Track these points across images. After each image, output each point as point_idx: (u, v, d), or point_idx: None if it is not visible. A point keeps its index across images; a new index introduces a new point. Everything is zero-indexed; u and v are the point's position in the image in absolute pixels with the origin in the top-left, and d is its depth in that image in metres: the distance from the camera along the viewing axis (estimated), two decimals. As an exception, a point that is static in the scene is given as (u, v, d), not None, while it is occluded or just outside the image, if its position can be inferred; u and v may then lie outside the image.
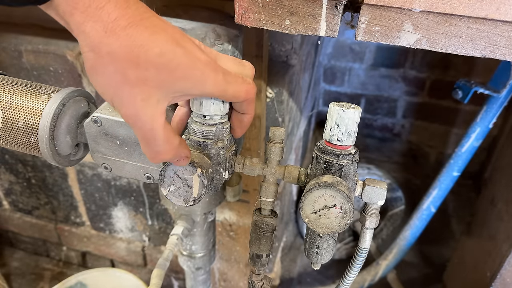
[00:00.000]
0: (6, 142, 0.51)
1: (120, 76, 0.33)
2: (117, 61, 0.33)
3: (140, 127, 0.35)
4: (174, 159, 0.39)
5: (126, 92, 0.34)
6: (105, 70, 0.33)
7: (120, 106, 0.34)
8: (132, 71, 0.33)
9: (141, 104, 0.34)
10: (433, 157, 1.72)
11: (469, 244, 1.06)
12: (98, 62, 0.33)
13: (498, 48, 0.46)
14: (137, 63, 0.33)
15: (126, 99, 0.34)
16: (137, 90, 0.34)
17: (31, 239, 1.31)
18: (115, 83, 0.33)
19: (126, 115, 0.35)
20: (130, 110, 0.34)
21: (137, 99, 0.34)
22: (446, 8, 0.44)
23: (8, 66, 0.87)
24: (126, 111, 0.35)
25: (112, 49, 0.33)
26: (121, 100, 0.34)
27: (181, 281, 1.20)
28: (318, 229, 0.42)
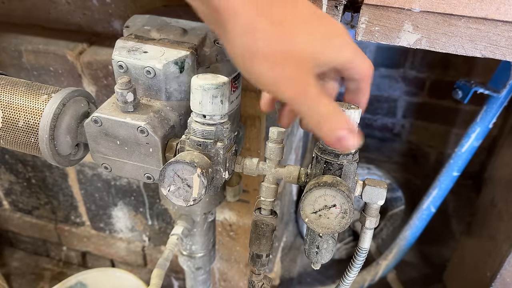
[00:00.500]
0: (6, 142, 0.51)
1: (281, 56, 0.31)
2: (273, 40, 0.31)
3: (310, 105, 0.33)
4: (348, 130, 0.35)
5: (290, 71, 0.32)
6: (266, 54, 0.32)
7: (287, 87, 0.33)
8: (290, 46, 0.31)
9: (307, 81, 0.32)
10: (433, 157, 1.72)
11: (469, 244, 1.06)
12: (256, 44, 0.31)
13: (498, 48, 0.46)
14: (290, 37, 0.31)
15: (293, 79, 0.32)
16: (301, 67, 0.32)
17: (31, 239, 1.31)
18: (278, 64, 0.32)
19: (295, 96, 0.33)
20: (297, 90, 0.32)
21: (302, 77, 0.32)
22: (446, 8, 0.44)
23: (8, 66, 0.87)
24: (294, 92, 0.33)
25: (265, 29, 0.31)
26: (288, 82, 0.32)
27: (181, 281, 1.20)
28: (318, 229, 0.42)
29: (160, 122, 0.47)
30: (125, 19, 0.78)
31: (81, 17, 0.81)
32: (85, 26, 0.83)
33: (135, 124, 0.46)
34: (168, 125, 0.48)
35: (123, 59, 0.49)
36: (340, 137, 0.34)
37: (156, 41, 0.51)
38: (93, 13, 0.80)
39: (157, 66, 0.48)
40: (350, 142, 0.34)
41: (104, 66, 0.81)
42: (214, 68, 0.54)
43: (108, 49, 0.81)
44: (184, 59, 0.49)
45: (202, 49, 0.52)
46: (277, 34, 0.31)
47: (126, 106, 0.46)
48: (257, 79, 0.33)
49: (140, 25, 0.55)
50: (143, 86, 0.50)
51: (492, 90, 0.83)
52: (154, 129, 0.46)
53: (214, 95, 0.42)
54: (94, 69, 0.82)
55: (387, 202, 1.33)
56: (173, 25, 0.55)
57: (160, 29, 0.54)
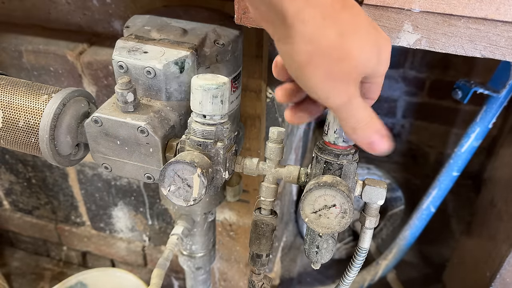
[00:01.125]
0: (6, 142, 0.51)
1: (338, 66, 0.32)
2: (336, 50, 0.31)
3: (353, 112, 0.35)
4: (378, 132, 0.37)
5: (342, 82, 0.33)
6: (324, 64, 0.32)
7: (335, 97, 0.34)
8: (349, 58, 0.32)
9: (353, 91, 0.34)
10: (433, 157, 1.72)
11: (469, 244, 1.06)
12: (317, 57, 0.32)
13: (497, 48, 0.46)
14: (352, 48, 0.32)
15: (343, 89, 0.33)
16: (352, 77, 0.33)
17: (32, 239, 1.31)
18: (333, 74, 0.32)
19: (341, 105, 0.34)
20: (344, 98, 0.34)
21: (350, 86, 0.33)
22: (445, 8, 0.44)
23: (9, 66, 0.87)
24: (341, 101, 0.34)
25: (331, 39, 0.31)
26: (338, 92, 0.33)
27: (181, 281, 1.20)
28: (318, 228, 0.43)
29: (160, 122, 0.47)
30: (125, 19, 0.78)
31: (81, 17, 0.82)
32: (85, 26, 0.83)
33: (135, 124, 0.46)
34: (168, 125, 0.48)
35: (123, 59, 0.49)
36: (373, 141, 0.36)
37: (156, 41, 0.51)
38: (93, 13, 0.80)
39: (157, 66, 0.48)
40: (381, 146, 0.37)
41: (104, 66, 0.81)
42: (214, 68, 0.54)
43: (108, 49, 0.81)
44: (184, 59, 0.49)
45: (202, 49, 0.52)
46: (340, 46, 0.31)
47: (126, 106, 0.46)
48: (309, 85, 0.34)
49: (140, 25, 0.55)
50: (143, 86, 0.50)
51: (492, 90, 0.83)
52: (154, 129, 0.46)
53: (214, 95, 0.42)
54: (94, 69, 0.82)
55: (387, 202, 1.33)
56: (173, 25, 0.55)
57: (160, 29, 0.54)
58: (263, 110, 0.79)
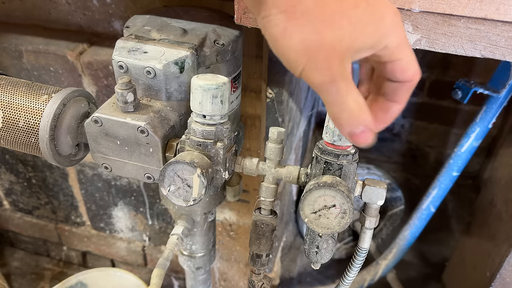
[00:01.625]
0: (6, 142, 0.51)
1: (316, 38, 0.29)
2: (312, 20, 0.28)
3: (335, 96, 0.31)
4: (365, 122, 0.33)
5: (322, 56, 0.29)
6: (300, 33, 0.29)
7: (314, 72, 0.30)
8: (329, 29, 0.29)
9: (337, 69, 0.30)
10: (433, 157, 1.72)
11: (469, 244, 1.06)
12: (291, 25, 0.29)
13: (497, 48, 0.46)
14: (332, 19, 0.29)
15: (323, 65, 0.30)
16: (334, 53, 0.29)
17: (32, 239, 1.32)
18: (311, 47, 0.29)
19: (321, 84, 0.30)
20: (325, 77, 0.30)
21: (333, 64, 0.29)
22: (445, 8, 0.44)
23: (9, 66, 0.87)
24: (321, 80, 0.30)
25: (307, 7, 0.28)
26: (317, 66, 0.30)
27: (181, 281, 1.20)
28: (317, 229, 0.43)
29: (160, 122, 0.48)
30: (125, 20, 0.78)
31: (82, 17, 0.82)
32: (85, 26, 0.83)
33: (135, 124, 0.46)
34: (168, 125, 0.48)
35: (123, 59, 0.49)
36: (355, 134, 0.33)
37: (156, 41, 0.51)
38: (94, 14, 0.80)
39: (157, 66, 0.48)
40: (363, 140, 0.33)
41: (104, 66, 0.81)
42: (214, 68, 0.54)
43: (108, 49, 0.81)
44: (184, 59, 0.49)
45: (202, 49, 0.52)
46: (318, 15, 0.28)
47: (126, 106, 0.46)
48: (286, 57, 0.31)
49: (140, 26, 0.55)
50: (143, 86, 0.50)
51: (492, 90, 0.83)
52: (154, 129, 0.46)
53: (214, 95, 0.42)
54: (94, 69, 0.82)
55: (386, 202, 1.33)
56: (173, 25, 0.55)
57: (160, 30, 0.54)
58: (263, 110, 0.79)
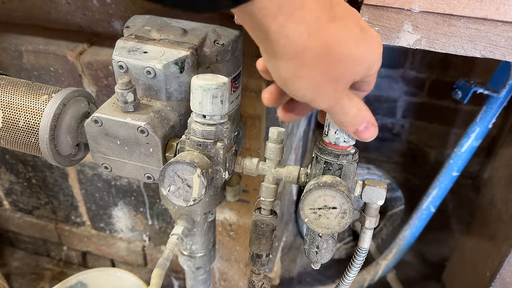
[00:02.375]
0: (6, 142, 0.51)
1: (322, 78, 0.33)
2: (321, 63, 0.32)
3: (340, 111, 0.36)
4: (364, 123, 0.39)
5: (328, 90, 0.34)
6: (309, 76, 0.32)
7: (322, 102, 0.35)
8: (335, 70, 0.32)
9: (341, 95, 0.35)
10: (433, 157, 1.72)
11: (469, 244, 1.06)
12: (302, 70, 0.32)
13: (497, 48, 0.46)
14: (339, 60, 0.32)
15: (331, 95, 0.34)
16: (339, 85, 0.34)
17: (32, 239, 1.32)
18: (318, 85, 0.33)
19: (330, 107, 0.36)
20: (333, 102, 0.35)
21: (338, 92, 0.34)
22: (445, 8, 0.44)
23: (9, 66, 0.87)
24: (329, 105, 0.35)
25: (316, 53, 0.31)
26: (324, 98, 0.34)
27: (181, 281, 1.20)
28: (317, 229, 0.43)
29: (160, 122, 0.48)
30: (125, 20, 0.78)
31: (82, 17, 0.82)
32: (85, 26, 0.83)
33: (135, 124, 0.46)
34: (168, 125, 0.48)
35: (123, 59, 0.49)
36: (359, 131, 0.38)
37: (156, 41, 0.51)
38: (94, 14, 0.80)
39: (157, 66, 0.48)
40: (367, 135, 0.39)
41: (104, 66, 0.81)
42: (214, 68, 0.54)
43: (108, 49, 0.81)
44: (184, 59, 0.49)
45: (202, 49, 0.52)
46: (325, 59, 0.32)
47: (126, 106, 0.46)
48: (294, 94, 0.35)
49: (140, 26, 0.55)
50: (143, 86, 0.50)
51: (492, 90, 0.83)
52: (154, 129, 0.46)
53: (214, 95, 0.42)
54: (94, 69, 0.82)
55: (386, 202, 1.33)
56: (173, 25, 0.55)
57: (160, 30, 0.54)
58: (263, 110, 0.79)
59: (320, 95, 0.34)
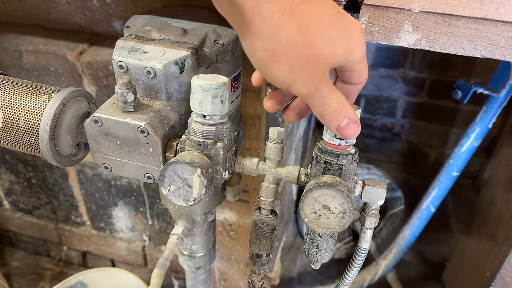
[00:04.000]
0: (6, 142, 0.51)
1: (300, 59, 0.32)
2: (297, 44, 0.32)
3: (320, 100, 0.35)
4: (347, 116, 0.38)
5: (306, 73, 0.33)
6: (286, 57, 0.32)
7: (301, 86, 0.34)
8: (311, 51, 0.32)
9: (320, 80, 0.34)
10: (433, 157, 1.72)
11: (469, 243, 1.06)
12: (278, 50, 0.32)
13: (497, 48, 0.46)
14: (313, 41, 0.32)
15: (309, 79, 0.34)
16: (317, 69, 0.33)
17: (32, 239, 1.32)
18: (296, 67, 0.33)
19: (309, 93, 0.35)
20: (311, 88, 0.34)
21: (316, 77, 0.34)
22: (445, 8, 0.44)
23: (9, 66, 0.88)
24: (308, 91, 0.35)
25: (291, 33, 0.31)
26: (303, 82, 0.34)
27: (181, 281, 1.20)
28: (317, 229, 0.43)
29: (161, 122, 0.48)
30: (126, 20, 0.78)
31: (82, 17, 0.82)
32: (85, 26, 0.83)
33: (135, 124, 0.46)
34: (168, 125, 0.48)
35: (123, 59, 0.49)
36: (340, 127, 0.38)
37: (157, 41, 0.51)
38: (94, 14, 0.80)
39: (157, 66, 0.48)
40: (348, 131, 0.38)
41: (104, 66, 0.81)
42: (214, 68, 0.54)
43: (108, 49, 0.81)
44: (184, 59, 0.49)
45: (202, 49, 0.52)
46: (301, 40, 0.32)
47: (127, 106, 0.46)
48: (274, 79, 0.35)
49: (140, 26, 0.55)
50: (144, 86, 0.50)
51: (492, 90, 0.83)
52: (154, 129, 0.46)
53: (214, 95, 0.43)
54: (94, 69, 0.82)
55: (386, 202, 1.33)
56: (173, 25, 0.55)
57: (160, 30, 0.54)
58: (263, 110, 0.79)
59: (299, 78, 0.34)
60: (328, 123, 0.38)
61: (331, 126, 0.38)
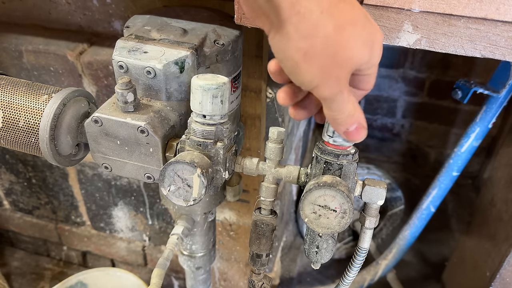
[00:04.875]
0: (6, 142, 0.51)
1: (331, 60, 0.32)
2: (332, 44, 0.31)
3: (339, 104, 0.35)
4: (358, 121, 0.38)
5: (334, 76, 0.33)
6: (319, 58, 0.31)
7: (327, 88, 0.34)
8: (344, 51, 0.32)
9: (344, 83, 0.34)
10: (433, 157, 1.72)
11: (469, 243, 1.06)
12: (313, 50, 0.31)
13: (497, 48, 0.46)
14: (348, 42, 0.31)
15: (335, 81, 0.33)
16: (343, 71, 0.33)
17: (32, 239, 1.32)
18: (326, 69, 0.32)
19: (330, 96, 0.34)
20: (335, 91, 0.34)
21: (342, 80, 0.33)
22: (445, 8, 0.44)
23: (9, 66, 0.88)
24: (331, 93, 0.34)
25: (328, 33, 0.30)
26: (329, 85, 0.33)
27: (181, 281, 1.20)
28: (317, 229, 0.43)
29: (161, 122, 0.48)
30: (125, 20, 0.78)
31: (82, 17, 0.82)
32: (85, 26, 0.83)
33: (135, 124, 0.46)
34: (168, 125, 0.48)
35: (123, 59, 0.49)
36: (350, 131, 0.38)
37: (157, 41, 0.51)
38: (94, 14, 0.80)
39: (158, 66, 0.48)
40: (357, 136, 0.38)
41: (104, 66, 0.81)
42: (214, 68, 0.54)
43: (108, 49, 0.81)
44: (184, 59, 0.49)
45: (202, 49, 0.52)
46: (337, 39, 0.31)
47: (127, 106, 0.46)
48: (301, 79, 0.34)
49: (140, 26, 0.55)
50: (144, 86, 0.50)
51: (492, 90, 0.83)
52: (154, 129, 0.46)
53: (214, 95, 0.43)
54: (94, 69, 0.82)
55: (386, 202, 1.33)
56: (173, 25, 0.55)
57: (160, 29, 0.54)
58: (263, 110, 0.79)
59: (326, 80, 0.33)
60: (337, 126, 0.38)
61: (339, 129, 0.38)
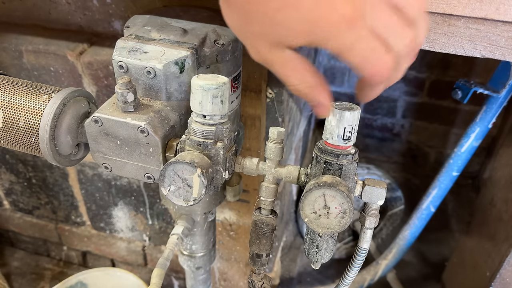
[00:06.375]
0: (6, 142, 0.51)
1: (247, 10, 0.30)
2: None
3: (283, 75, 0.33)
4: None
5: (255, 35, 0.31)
6: (235, 4, 0.30)
7: (251, 50, 0.32)
8: (261, 6, 0.29)
9: (274, 51, 0.32)
10: (433, 157, 1.72)
11: (469, 243, 1.06)
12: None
13: (497, 48, 0.46)
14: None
15: (260, 45, 0.32)
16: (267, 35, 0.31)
17: (32, 239, 1.32)
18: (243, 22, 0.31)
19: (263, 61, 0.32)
20: (263, 56, 0.32)
21: (264, 46, 0.31)
22: (445, 8, 0.44)
23: (9, 66, 0.88)
24: (259, 58, 0.32)
25: None
26: (255, 46, 0.32)
27: (181, 281, 1.20)
28: (317, 228, 0.43)
29: (161, 122, 0.48)
30: (126, 20, 0.78)
31: (82, 17, 0.82)
32: (85, 26, 0.83)
33: (135, 124, 0.46)
34: (168, 125, 0.48)
35: (123, 59, 0.49)
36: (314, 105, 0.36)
37: (157, 41, 0.51)
38: (94, 14, 0.80)
39: (158, 66, 0.48)
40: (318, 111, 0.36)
41: (104, 66, 0.81)
42: (214, 68, 0.54)
43: (108, 49, 0.81)
44: (184, 59, 0.49)
45: (202, 49, 0.52)
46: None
47: (127, 106, 0.46)
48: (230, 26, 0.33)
49: (140, 26, 0.55)
50: (144, 86, 0.50)
51: (492, 90, 0.83)
52: (154, 129, 0.46)
53: (214, 95, 0.43)
54: (94, 69, 0.82)
55: (386, 202, 1.33)
56: (173, 25, 0.55)
57: (160, 29, 0.54)
58: (263, 110, 0.79)
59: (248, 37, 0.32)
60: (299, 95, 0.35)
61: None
